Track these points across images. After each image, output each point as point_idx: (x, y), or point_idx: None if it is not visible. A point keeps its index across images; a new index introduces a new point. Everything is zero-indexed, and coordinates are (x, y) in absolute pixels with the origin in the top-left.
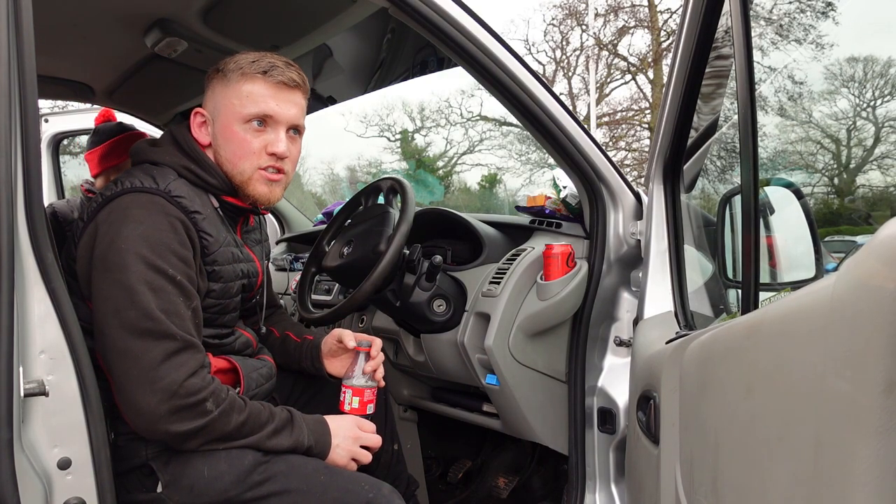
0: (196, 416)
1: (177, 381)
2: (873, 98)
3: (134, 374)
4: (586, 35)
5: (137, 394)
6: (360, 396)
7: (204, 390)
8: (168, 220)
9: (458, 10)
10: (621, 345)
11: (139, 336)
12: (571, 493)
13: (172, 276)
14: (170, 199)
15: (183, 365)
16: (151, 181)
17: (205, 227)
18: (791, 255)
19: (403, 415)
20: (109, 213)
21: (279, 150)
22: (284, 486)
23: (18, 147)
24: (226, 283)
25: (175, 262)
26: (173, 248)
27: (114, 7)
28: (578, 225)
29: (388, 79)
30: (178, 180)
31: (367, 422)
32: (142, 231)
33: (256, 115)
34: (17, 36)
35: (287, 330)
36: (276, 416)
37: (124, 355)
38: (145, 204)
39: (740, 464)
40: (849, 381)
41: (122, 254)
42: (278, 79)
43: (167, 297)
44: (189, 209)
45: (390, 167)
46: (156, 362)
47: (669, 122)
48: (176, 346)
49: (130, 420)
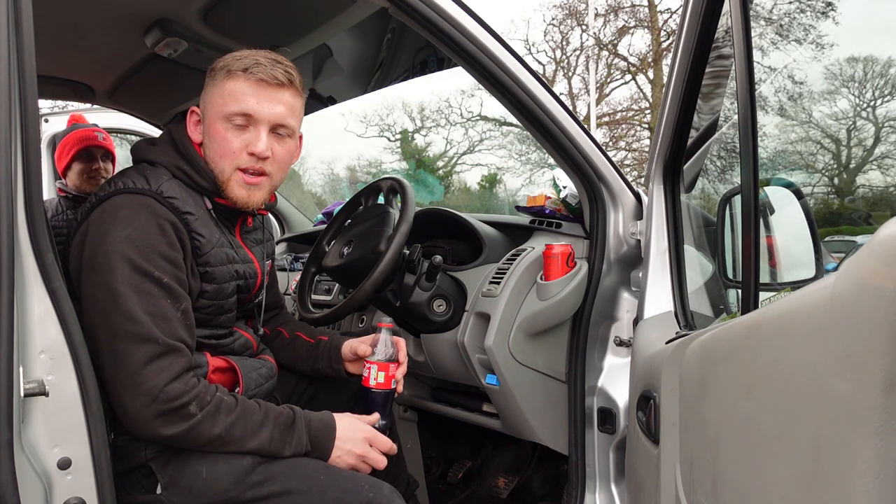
0: (180, 420)
1: (158, 385)
2: (873, 98)
3: (120, 377)
4: (586, 35)
5: (123, 397)
6: (386, 371)
7: (186, 394)
8: (157, 221)
9: (458, 10)
10: (621, 345)
11: (123, 339)
12: (571, 493)
13: (159, 279)
14: (161, 199)
15: (165, 369)
16: (144, 182)
17: (196, 227)
18: (791, 254)
19: (403, 415)
20: (101, 213)
21: (257, 150)
22: (284, 486)
23: (18, 147)
24: (219, 284)
25: (162, 265)
26: (161, 249)
27: (114, 7)
28: (578, 225)
29: (388, 79)
30: (171, 181)
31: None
32: (129, 233)
33: (236, 113)
34: (17, 36)
35: (297, 331)
36: (273, 419)
37: (110, 358)
38: (135, 205)
39: (740, 464)
40: (849, 380)
41: (108, 256)
42: (258, 76)
43: (153, 299)
44: (181, 210)
45: (390, 167)
46: (138, 366)
47: (669, 122)
48: (158, 350)
49: (122, 422)
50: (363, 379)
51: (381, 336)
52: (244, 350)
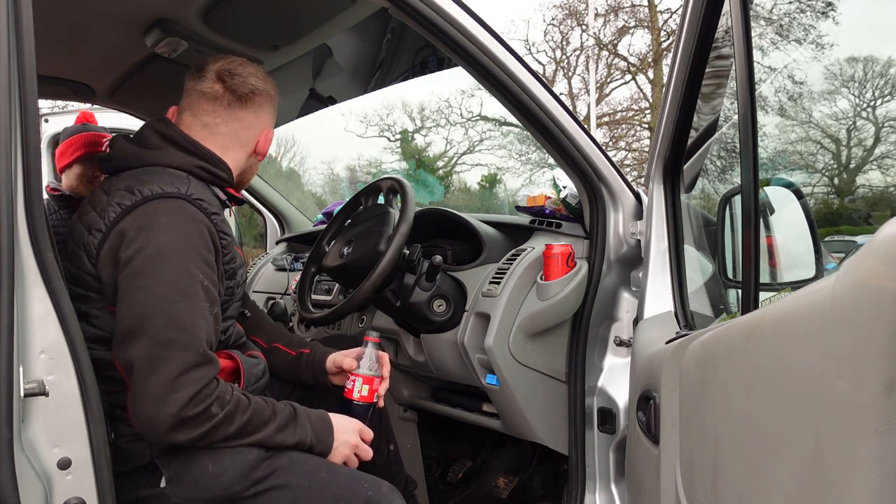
0: (201, 423)
1: (189, 395)
2: (873, 98)
3: (150, 382)
4: (586, 35)
5: (147, 402)
6: (370, 384)
7: (210, 397)
8: (196, 226)
9: (458, 10)
10: (621, 345)
11: (164, 345)
12: (571, 493)
13: (202, 283)
14: (193, 202)
15: (200, 380)
16: (171, 186)
17: (223, 227)
18: (791, 254)
19: (403, 415)
20: (134, 220)
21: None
22: (286, 480)
23: (18, 147)
24: (238, 278)
25: (204, 269)
26: (202, 253)
27: (114, 7)
28: (578, 225)
29: (388, 79)
30: (195, 182)
31: (368, 430)
32: (172, 238)
33: None
34: (17, 36)
35: (276, 342)
36: (279, 414)
37: (145, 363)
38: (173, 210)
39: (740, 464)
40: (849, 381)
41: (152, 262)
42: None
43: (198, 303)
44: (209, 211)
45: (390, 167)
46: (174, 374)
47: (669, 122)
48: (197, 360)
49: (137, 425)
50: (346, 391)
51: (367, 350)
52: (239, 339)
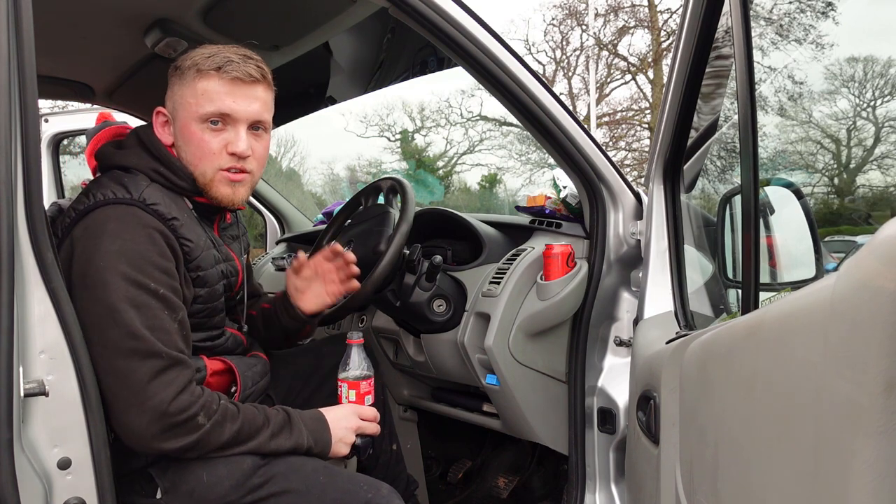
0: (188, 432)
1: (165, 400)
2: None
3: (122, 394)
4: (586, 35)
5: (127, 414)
6: (357, 389)
7: (194, 405)
8: (146, 231)
9: (458, 10)
10: (621, 345)
11: (124, 356)
12: (571, 493)
13: (155, 290)
14: (145, 208)
15: (171, 383)
16: (124, 190)
17: (184, 233)
18: (791, 254)
19: (403, 415)
20: (85, 228)
21: (239, 150)
22: (284, 486)
23: (18, 147)
24: (211, 286)
25: (157, 276)
26: (154, 260)
27: (114, 7)
28: (578, 225)
29: (388, 79)
30: (150, 186)
31: (368, 409)
32: (120, 246)
33: (213, 114)
34: (17, 36)
35: (262, 304)
36: (272, 420)
37: (110, 375)
38: (121, 216)
39: (740, 464)
40: (849, 381)
41: (101, 271)
42: (233, 74)
43: (151, 312)
44: (166, 216)
45: (390, 167)
46: (143, 382)
47: (669, 122)
48: (163, 364)
49: (122, 438)
50: (338, 397)
51: (351, 353)
52: (237, 347)
